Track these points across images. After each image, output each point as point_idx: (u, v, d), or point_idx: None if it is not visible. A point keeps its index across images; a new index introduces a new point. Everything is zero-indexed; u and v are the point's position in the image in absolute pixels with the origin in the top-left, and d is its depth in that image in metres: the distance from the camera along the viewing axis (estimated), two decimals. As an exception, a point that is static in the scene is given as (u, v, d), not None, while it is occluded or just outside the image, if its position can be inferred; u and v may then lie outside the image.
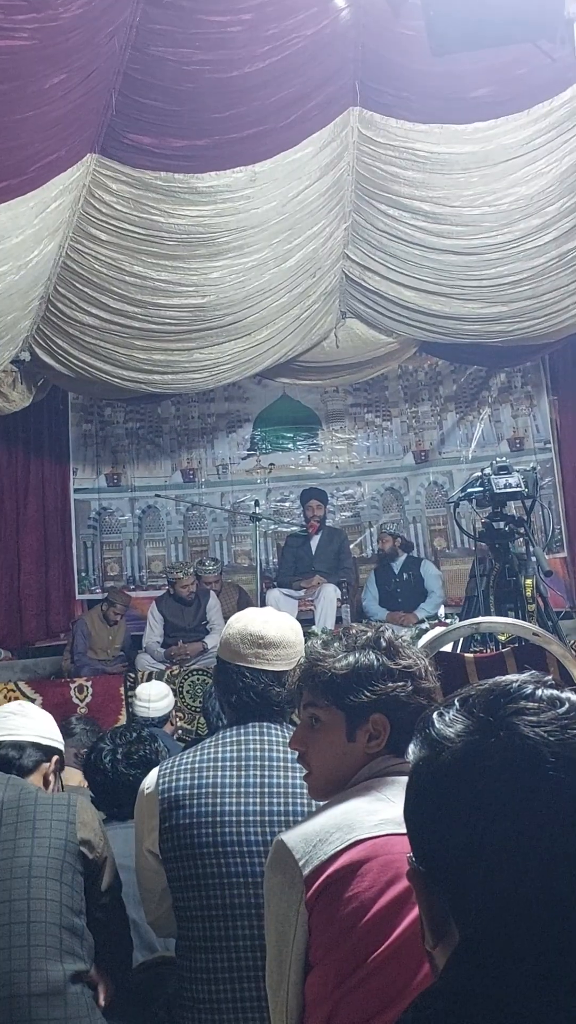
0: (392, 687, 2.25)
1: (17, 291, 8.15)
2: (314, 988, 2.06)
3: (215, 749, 2.92)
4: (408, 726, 2.24)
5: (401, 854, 2.03)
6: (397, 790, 2.16)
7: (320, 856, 2.08)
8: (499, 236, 8.76)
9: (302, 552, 10.74)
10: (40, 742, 3.51)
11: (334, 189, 8.57)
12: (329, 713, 2.30)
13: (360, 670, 2.27)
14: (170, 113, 7.31)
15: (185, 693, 8.45)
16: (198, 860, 2.78)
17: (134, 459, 12.46)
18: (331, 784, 2.33)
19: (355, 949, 1.99)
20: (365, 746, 2.26)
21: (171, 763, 2.96)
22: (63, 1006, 2.83)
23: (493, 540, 6.46)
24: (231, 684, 3.00)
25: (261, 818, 2.77)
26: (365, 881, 2.02)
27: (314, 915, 2.06)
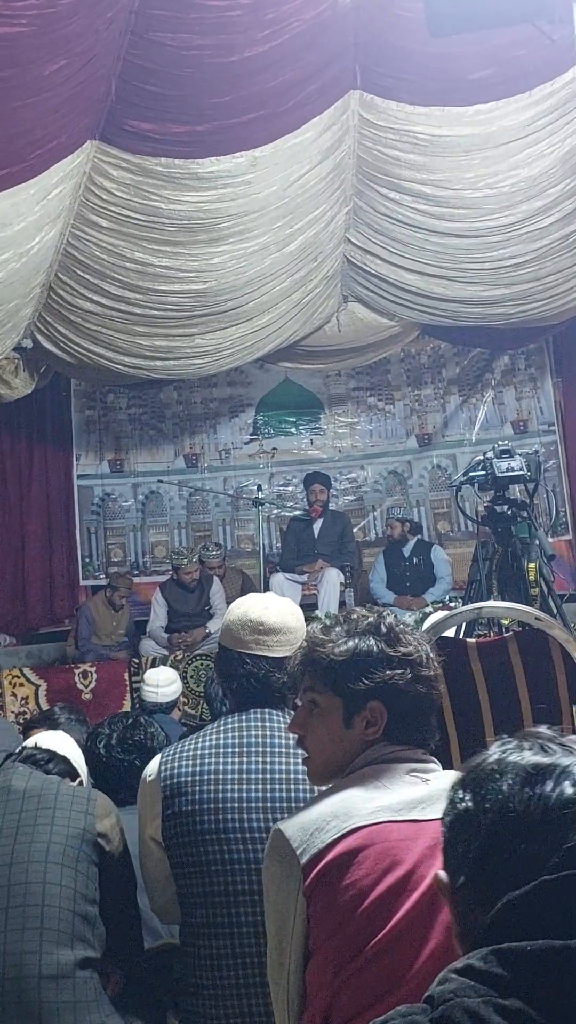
0: (390, 675, 2.23)
1: (19, 278, 8.15)
2: (314, 975, 2.08)
3: (216, 736, 2.92)
4: (406, 714, 2.26)
5: (398, 840, 2.05)
6: (394, 778, 2.19)
7: (317, 844, 2.09)
8: (501, 218, 8.74)
9: (305, 536, 10.74)
10: (70, 760, 3.62)
11: (335, 173, 8.55)
12: (327, 698, 2.29)
13: (359, 656, 2.26)
14: (170, 98, 7.29)
15: (189, 678, 8.47)
16: (200, 847, 2.78)
17: (137, 445, 12.46)
18: (328, 769, 2.34)
19: (354, 936, 2.00)
20: (362, 732, 2.26)
21: (173, 750, 2.96)
22: (71, 989, 2.85)
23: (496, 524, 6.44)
24: (232, 670, 3.00)
25: (263, 804, 2.78)
26: (362, 868, 2.03)
27: (312, 903, 2.07)
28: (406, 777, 2.18)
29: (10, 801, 3.14)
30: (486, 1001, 1.17)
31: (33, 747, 3.58)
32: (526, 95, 7.81)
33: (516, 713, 3.61)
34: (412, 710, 2.27)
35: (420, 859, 2.02)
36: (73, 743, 3.80)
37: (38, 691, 8.47)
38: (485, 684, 3.64)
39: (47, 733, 3.90)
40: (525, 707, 3.60)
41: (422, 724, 2.30)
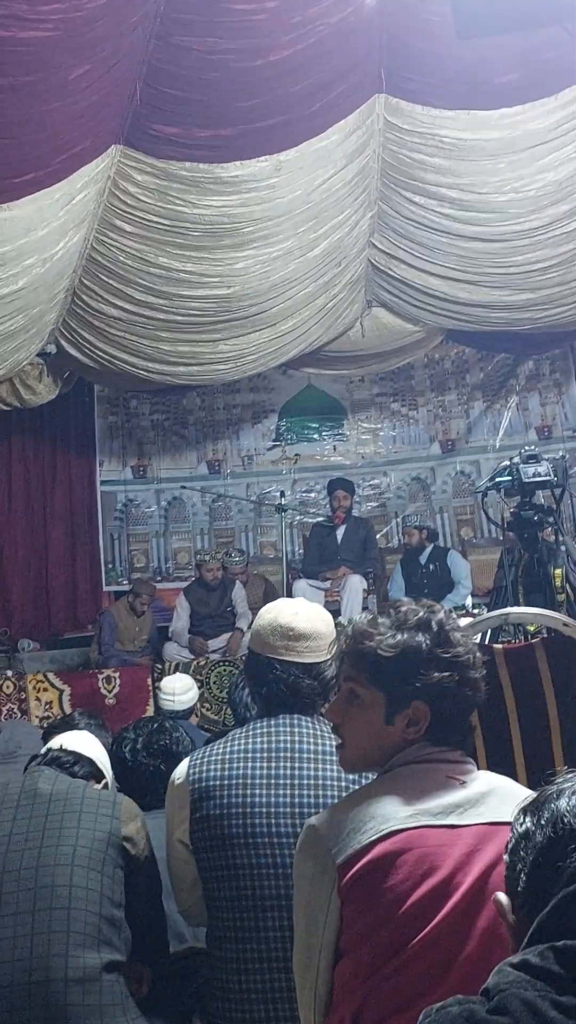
0: (438, 677, 2.18)
1: (43, 284, 8.16)
2: (345, 976, 2.05)
3: (245, 740, 2.92)
4: (450, 716, 2.21)
5: (435, 846, 2.02)
6: (432, 780, 2.15)
7: (353, 845, 2.06)
8: (527, 223, 8.70)
9: (327, 542, 10.73)
10: (96, 762, 3.62)
11: (360, 177, 8.53)
12: (370, 692, 2.24)
13: (407, 654, 2.20)
14: (195, 103, 7.29)
15: (212, 684, 8.45)
16: (228, 851, 2.78)
17: (160, 451, 12.48)
18: (363, 761, 2.32)
19: (389, 940, 1.98)
20: (403, 731, 2.21)
21: (201, 753, 2.95)
22: (98, 993, 2.84)
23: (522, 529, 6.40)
24: (261, 675, 2.99)
25: (291, 809, 2.77)
26: (400, 873, 2.00)
27: (347, 904, 2.05)
28: (444, 779, 2.15)
29: (36, 805, 3.13)
30: (543, 995, 1.20)
31: (58, 749, 3.57)
32: (552, 98, 7.77)
33: (543, 719, 3.58)
34: (455, 712, 2.23)
35: (457, 865, 2.00)
36: (98, 743, 3.80)
37: (62, 696, 8.47)
38: (512, 690, 3.61)
39: (72, 734, 3.89)
40: (552, 713, 3.56)
41: (463, 725, 2.26)
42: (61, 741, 3.69)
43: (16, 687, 8.46)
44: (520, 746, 3.57)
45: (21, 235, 7.36)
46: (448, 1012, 1.27)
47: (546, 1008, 1.19)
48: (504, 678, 3.61)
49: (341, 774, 2.77)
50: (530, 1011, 1.19)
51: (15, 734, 5.72)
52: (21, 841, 3.04)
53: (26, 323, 8.57)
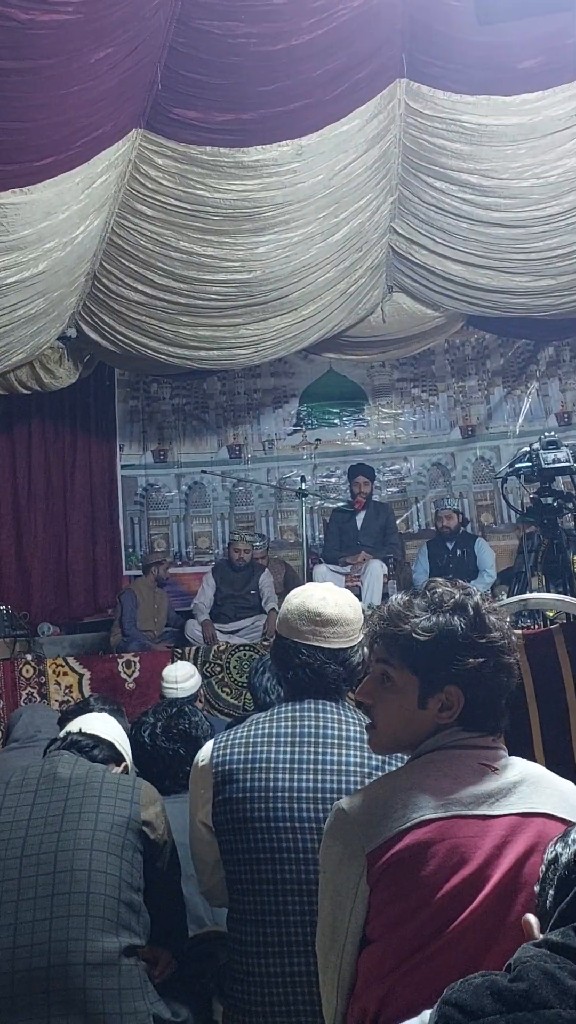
0: (473, 662, 2.16)
1: (63, 267, 8.16)
2: (371, 964, 2.05)
3: (269, 724, 2.93)
4: (484, 701, 2.20)
5: (467, 837, 2.02)
6: (464, 766, 2.14)
7: (385, 833, 2.05)
8: (547, 208, 8.66)
9: (348, 528, 10.73)
10: (115, 744, 3.62)
11: (381, 162, 8.51)
12: (403, 675, 2.23)
13: (443, 638, 2.18)
14: (215, 87, 7.27)
15: (232, 668, 8.46)
16: (250, 834, 2.79)
17: (180, 435, 12.49)
18: (394, 743, 2.31)
19: (419, 931, 1.98)
20: (436, 715, 2.20)
21: (225, 736, 2.97)
22: (117, 976, 2.86)
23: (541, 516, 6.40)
24: (288, 660, 3.00)
25: (313, 795, 2.78)
26: (432, 864, 2.00)
27: (376, 892, 2.04)
28: (476, 767, 2.14)
29: (56, 789, 3.14)
30: (561, 967, 1.24)
31: (77, 732, 3.58)
32: (574, 84, 7.72)
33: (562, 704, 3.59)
34: (489, 697, 2.21)
35: (489, 857, 1.99)
36: (116, 725, 3.80)
37: (82, 680, 8.48)
38: (531, 675, 3.62)
39: (91, 716, 3.89)
40: (571, 698, 3.58)
41: (496, 711, 2.24)
42: (80, 724, 3.70)
43: (36, 671, 8.48)
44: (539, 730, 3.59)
45: (41, 219, 7.37)
46: (471, 983, 1.31)
47: (564, 977, 1.22)
48: (523, 664, 3.61)
49: (365, 760, 2.78)
50: (549, 979, 1.23)
51: (35, 718, 5.75)
52: (40, 825, 3.05)
53: (47, 307, 8.58)
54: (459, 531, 10.41)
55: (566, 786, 2.18)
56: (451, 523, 10.35)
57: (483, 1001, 1.24)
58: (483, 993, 1.26)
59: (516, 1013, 1.20)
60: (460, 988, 1.30)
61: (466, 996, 1.27)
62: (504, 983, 1.26)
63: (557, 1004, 1.19)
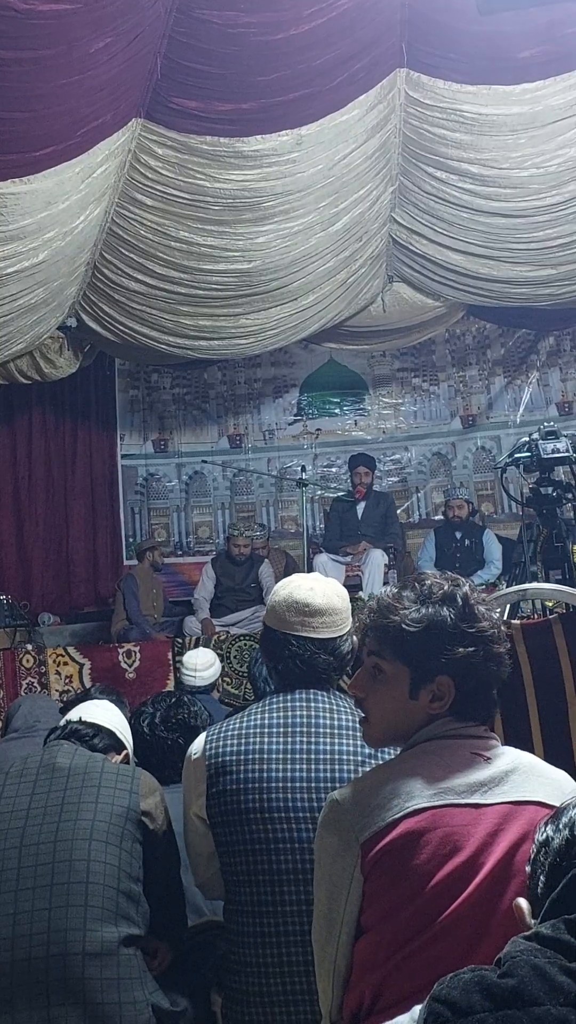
0: (463, 652, 2.18)
1: (63, 257, 8.15)
2: (367, 953, 2.07)
3: (261, 715, 2.93)
4: (474, 690, 2.22)
5: (460, 826, 2.03)
6: (456, 756, 2.16)
7: (378, 823, 2.07)
8: (548, 198, 8.64)
9: (348, 517, 10.73)
10: (116, 733, 3.63)
11: (381, 152, 8.49)
12: (394, 667, 2.24)
13: (432, 628, 2.20)
14: (215, 76, 7.25)
15: (232, 658, 8.47)
16: (245, 826, 2.80)
17: (181, 425, 12.50)
18: (387, 736, 2.33)
19: (412, 919, 1.99)
20: (427, 705, 2.22)
21: (218, 728, 2.97)
22: (115, 966, 2.86)
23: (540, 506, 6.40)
24: (277, 651, 3.00)
25: (307, 784, 2.78)
26: (425, 853, 2.01)
27: (370, 881, 2.06)
28: (469, 756, 2.15)
29: (55, 779, 3.15)
30: (552, 962, 1.23)
31: (77, 721, 3.58)
32: (574, 74, 7.69)
33: (560, 694, 3.59)
34: (480, 687, 2.23)
35: (481, 845, 2.01)
36: (117, 713, 3.81)
37: (82, 670, 8.50)
38: (529, 665, 3.63)
39: (91, 704, 3.90)
40: (569, 688, 3.58)
41: (488, 700, 2.26)
42: (80, 712, 3.70)
43: (36, 661, 8.49)
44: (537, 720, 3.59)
45: (41, 208, 7.35)
46: (460, 978, 1.29)
47: (555, 973, 1.21)
48: (521, 654, 3.62)
49: (358, 748, 2.79)
50: (538, 975, 1.21)
51: (34, 708, 5.75)
52: (39, 815, 3.06)
53: (47, 296, 8.57)
54: (468, 521, 10.41)
55: (558, 775, 2.20)
56: (462, 512, 10.33)
57: (472, 998, 1.24)
58: (472, 990, 1.25)
59: (505, 1011, 1.20)
60: (449, 984, 1.30)
61: (455, 993, 1.27)
62: (493, 979, 1.25)
63: (547, 1001, 1.19)
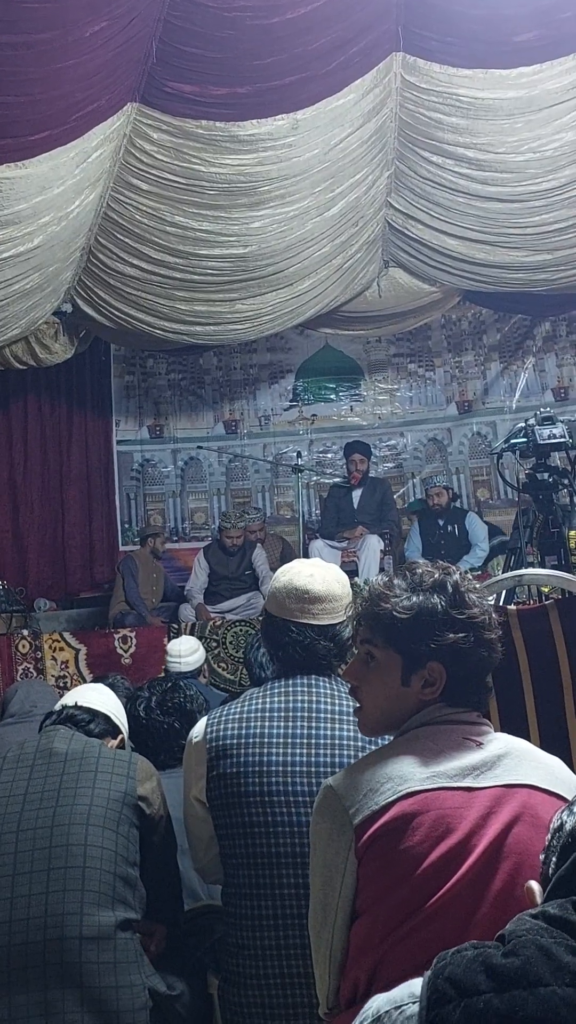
0: (453, 638, 2.19)
1: (58, 242, 8.13)
2: (361, 936, 2.07)
3: (262, 700, 2.94)
4: (466, 676, 2.23)
5: (452, 808, 2.04)
6: (448, 741, 2.17)
7: (371, 806, 2.08)
8: (544, 183, 8.62)
9: (344, 504, 10.72)
10: (111, 717, 3.61)
11: (377, 136, 8.47)
12: (386, 654, 2.26)
13: (423, 616, 2.22)
14: (211, 61, 7.23)
15: (228, 644, 8.47)
16: (245, 809, 2.81)
17: (176, 411, 12.47)
18: (382, 723, 2.34)
19: (405, 901, 2.00)
20: (419, 692, 2.23)
21: (219, 712, 2.98)
22: (112, 951, 2.87)
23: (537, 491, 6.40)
24: (278, 638, 3.01)
25: (307, 768, 2.79)
26: (417, 835, 2.02)
27: (364, 864, 2.07)
28: (461, 741, 2.17)
29: (52, 764, 3.15)
30: (559, 942, 1.22)
31: (73, 706, 3.57)
32: (570, 57, 7.69)
33: (556, 680, 3.59)
34: (472, 673, 2.24)
35: (473, 828, 2.01)
36: (112, 697, 3.78)
37: (78, 655, 8.49)
38: (525, 651, 3.62)
39: (87, 688, 3.88)
40: (565, 673, 3.57)
41: (480, 686, 2.28)
42: (76, 696, 3.69)
43: (32, 646, 8.48)
44: (533, 706, 3.59)
45: (36, 193, 7.33)
46: (463, 955, 1.29)
47: (561, 953, 1.21)
48: (517, 639, 3.62)
49: (358, 734, 2.77)
50: (544, 955, 1.21)
51: (31, 693, 5.75)
52: (37, 800, 3.06)
53: (42, 281, 8.55)
54: (450, 507, 10.40)
55: (550, 760, 2.21)
56: (441, 500, 10.34)
57: (477, 978, 1.23)
58: (476, 969, 1.24)
59: (511, 991, 1.19)
60: (452, 961, 1.29)
61: (459, 971, 1.26)
62: (498, 959, 1.24)
63: (553, 981, 1.18)
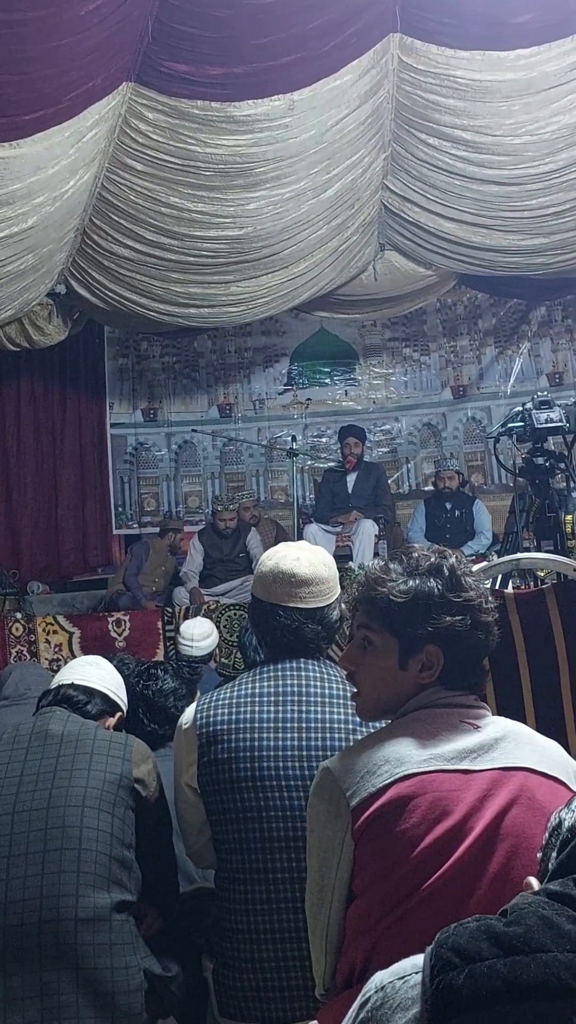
0: (450, 621, 2.20)
1: (52, 223, 8.10)
2: (358, 918, 2.07)
3: (252, 684, 2.94)
4: (463, 659, 2.24)
5: (449, 791, 2.04)
6: (446, 724, 2.17)
7: (368, 788, 2.08)
8: (541, 166, 8.60)
9: (339, 488, 10.72)
10: (109, 695, 3.59)
11: (373, 118, 8.44)
12: (383, 638, 2.26)
13: (419, 599, 2.22)
14: (207, 40, 7.19)
15: (222, 628, 8.46)
16: (236, 794, 2.81)
17: (170, 394, 12.44)
18: (379, 707, 2.34)
19: (401, 883, 2.00)
20: (416, 675, 2.23)
21: (209, 698, 2.98)
22: (107, 932, 2.88)
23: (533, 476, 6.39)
24: (266, 622, 3.00)
25: (298, 752, 2.79)
26: (414, 817, 2.02)
27: (360, 846, 2.07)
28: (458, 724, 2.17)
29: (48, 746, 3.15)
30: (560, 913, 1.24)
31: (69, 685, 3.54)
32: (568, 40, 7.66)
33: (553, 663, 3.59)
34: (468, 656, 2.24)
35: (470, 810, 2.01)
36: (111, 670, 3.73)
37: (71, 638, 8.49)
38: (522, 635, 3.62)
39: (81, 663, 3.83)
40: (562, 657, 3.57)
41: (476, 669, 2.28)
42: (74, 674, 3.65)
43: (26, 629, 8.49)
44: (530, 690, 3.59)
45: (31, 173, 7.30)
46: (466, 927, 1.30)
47: (562, 922, 1.23)
48: (515, 623, 3.61)
49: (349, 717, 2.80)
50: (546, 924, 1.23)
51: (25, 676, 5.73)
52: (32, 782, 3.06)
53: (36, 262, 8.51)
54: (458, 492, 10.40)
55: (547, 743, 2.22)
56: (453, 483, 10.33)
57: (480, 945, 1.25)
58: (480, 937, 1.26)
59: (514, 957, 1.21)
60: (455, 932, 1.31)
61: (462, 940, 1.28)
62: (501, 927, 1.26)
63: (554, 948, 1.20)
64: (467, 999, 1.21)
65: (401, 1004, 1.31)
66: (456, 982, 1.23)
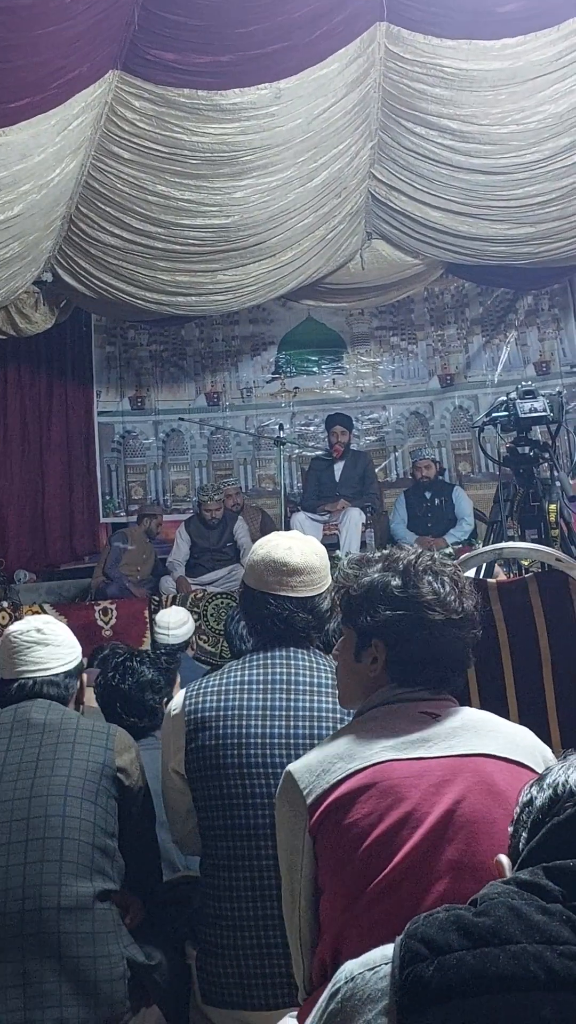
0: (389, 615, 2.22)
1: (39, 211, 8.08)
2: (326, 912, 2.09)
3: (241, 672, 2.95)
4: (411, 657, 2.24)
5: (401, 778, 2.05)
6: (402, 718, 2.19)
7: (323, 785, 2.11)
8: (528, 155, 8.60)
9: (325, 477, 10.72)
10: (70, 668, 3.41)
11: (360, 107, 8.43)
12: (347, 630, 2.33)
13: (371, 592, 2.26)
14: (193, 28, 7.18)
15: (209, 616, 8.47)
16: (223, 781, 2.82)
17: (158, 382, 12.42)
18: (348, 698, 2.40)
19: (358, 874, 2.00)
20: (368, 668, 2.27)
21: (197, 685, 2.98)
22: (90, 921, 2.88)
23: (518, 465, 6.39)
24: (256, 610, 3.01)
25: (286, 740, 2.80)
26: (366, 807, 2.04)
27: (318, 842, 2.09)
28: (416, 715, 2.18)
29: (30, 735, 3.13)
30: (529, 903, 1.25)
31: (34, 684, 3.31)
32: (554, 29, 7.66)
33: (535, 652, 3.60)
34: (417, 652, 2.23)
35: (424, 796, 2.02)
36: (55, 634, 3.44)
37: (58, 627, 8.48)
38: (505, 624, 3.63)
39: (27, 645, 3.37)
40: (544, 646, 3.58)
41: (432, 666, 2.25)
42: (29, 667, 3.35)
43: (12, 618, 8.47)
44: (512, 679, 3.60)
45: (17, 161, 7.29)
46: (436, 917, 1.31)
47: (531, 913, 1.24)
48: (497, 612, 3.62)
49: (336, 705, 2.81)
50: (515, 915, 1.24)
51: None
52: (14, 771, 3.05)
53: (22, 250, 8.49)
54: (437, 480, 10.41)
55: (513, 728, 2.23)
56: (430, 472, 10.36)
57: (449, 936, 1.25)
58: (449, 928, 1.27)
59: (483, 948, 1.22)
60: (425, 923, 1.31)
61: (432, 931, 1.28)
62: (470, 918, 1.27)
63: (523, 939, 1.21)
64: (436, 991, 1.22)
65: (371, 996, 1.31)
66: (425, 974, 1.23)
